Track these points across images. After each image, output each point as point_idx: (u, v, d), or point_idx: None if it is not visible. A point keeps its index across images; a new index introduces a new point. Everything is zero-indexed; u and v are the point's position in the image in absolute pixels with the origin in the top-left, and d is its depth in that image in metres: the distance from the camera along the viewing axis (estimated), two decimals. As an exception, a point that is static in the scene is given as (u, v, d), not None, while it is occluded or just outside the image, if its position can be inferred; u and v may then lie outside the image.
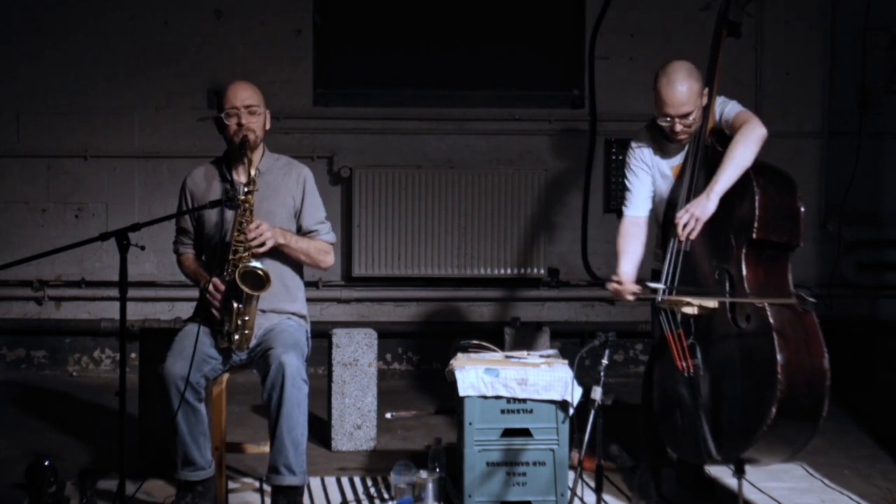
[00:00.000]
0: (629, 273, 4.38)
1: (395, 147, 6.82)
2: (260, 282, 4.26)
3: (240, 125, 4.41)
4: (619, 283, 4.33)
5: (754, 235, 4.07)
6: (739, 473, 4.06)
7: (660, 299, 4.24)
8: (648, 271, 4.52)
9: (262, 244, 4.32)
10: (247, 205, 4.32)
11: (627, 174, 4.55)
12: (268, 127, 4.53)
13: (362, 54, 6.85)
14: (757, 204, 4.07)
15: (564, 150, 6.87)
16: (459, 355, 4.68)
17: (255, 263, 4.28)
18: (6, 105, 6.66)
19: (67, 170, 6.71)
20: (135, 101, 6.69)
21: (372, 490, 4.75)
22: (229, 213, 4.42)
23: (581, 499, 4.57)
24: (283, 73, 6.69)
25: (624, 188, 4.56)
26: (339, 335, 5.37)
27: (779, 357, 3.89)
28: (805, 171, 6.88)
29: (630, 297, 4.33)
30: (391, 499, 4.59)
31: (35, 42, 6.62)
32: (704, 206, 4.14)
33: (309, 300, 4.70)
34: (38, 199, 6.71)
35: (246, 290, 4.26)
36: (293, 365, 4.22)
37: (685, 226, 4.14)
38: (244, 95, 4.44)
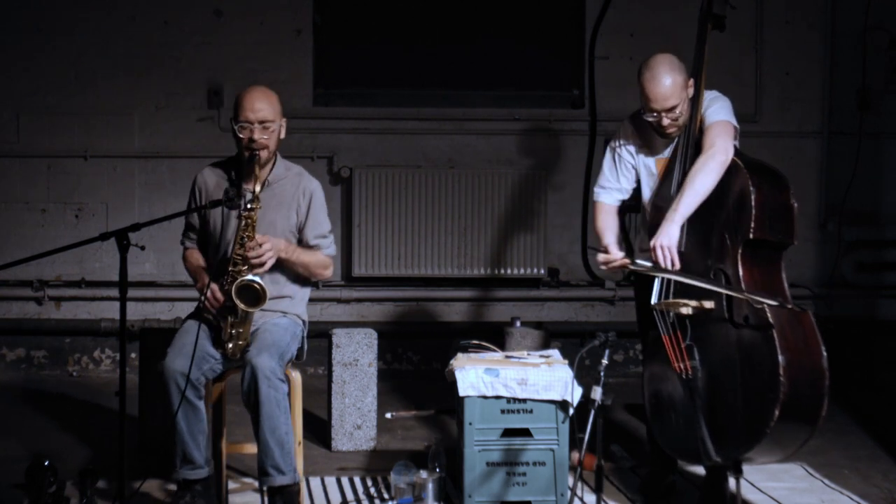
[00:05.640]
0: (615, 245, 4.43)
1: (395, 147, 6.82)
2: (256, 296, 4.24)
3: (251, 140, 4.34)
4: (607, 252, 4.38)
5: (751, 235, 4.05)
6: (737, 473, 4.06)
7: (655, 301, 4.25)
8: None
9: (262, 264, 4.30)
10: (249, 220, 4.26)
11: (611, 157, 4.56)
12: (283, 136, 4.45)
13: (362, 54, 6.84)
14: (753, 203, 4.05)
15: (564, 151, 6.87)
16: (459, 355, 4.68)
17: (253, 277, 4.25)
18: (6, 105, 6.65)
19: (67, 170, 6.70)
20: (135, 101, 6.69)
21: (372, 490, 4.75)
22: (234, 220, 4.39)
23: (581, 499, 4.57)
24: (283, 73, 6.67)
25: (602, 171, 4.58)
26: (339, 335, 5.37)
27: (780, 358, 3.88)
28: (805, 171, 6.88)
29: (617, 266, 4.37)
30: (391, 499, 4.59)
31: (35, 42, 6.62)
32: (670, 235, 4.15)
33: (309, 300, 4.69)
34: (38, 199, 6.71)
35: (241, 305, 4.24)
36: (264, 366, 4.18)
37: (664, 257, 4.16)
38: (259, 108, 4.34)
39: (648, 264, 4.26)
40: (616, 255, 4.36)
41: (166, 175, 6.67)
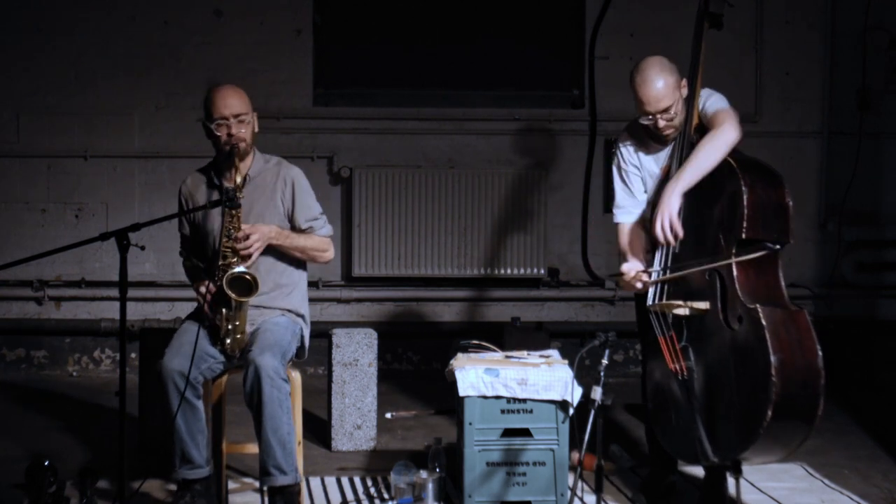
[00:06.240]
0: (634, 262, 4.40)
1: (395, 147, 6.82)
2: (248, 287, 4.26)
3: (230, 135, 4.39)
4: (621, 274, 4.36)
5: (743, 235, 4.03)
6: (737, 473, 4.06)
7: (650, 303, 4.25)
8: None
9: (249, 255, 4.32)
10: (234, 211, 4.31)
11: (619, 176, 4.53)
12: (256, 130, 4.51)
13: (362, 54, 6.85)
14: (745, 202, 4.02)
15: (564, 151, 6.87)
16: (459, 355, 4.68)
17: (242, 269, 4.27)
18: (6, 105, 6.66)
19: (67, 170, 6.71)
20: (135, 101, 6.69)
21: (372, 490, 4.75)
22: (219, 216, 4.41)
23: (581, 499, 4.57)
24: (283, 73, 6.68)
25: (615, 192, 4.55)
26: (339, 335, 5.37)
27: (773, 358, 3.87)
28: (805, 171, 6.89)
29: (639, 286, 4.33)
30: (391, 499, 4.59)
31: (35, 42, 6.62)
32: (669, 206, 4.15)
33: (309, 300, 4.69)
34: (38, 199, 6.72)
35: (233, 296, 4.26)
36: (267, 366, 4.19)
37: (664, 230, 4.16)
38: (231, 103, 4.41)
39: (656, 270, 4.27)
40: (633, 268, 4.35)
41: (166, 175, 6.67)
